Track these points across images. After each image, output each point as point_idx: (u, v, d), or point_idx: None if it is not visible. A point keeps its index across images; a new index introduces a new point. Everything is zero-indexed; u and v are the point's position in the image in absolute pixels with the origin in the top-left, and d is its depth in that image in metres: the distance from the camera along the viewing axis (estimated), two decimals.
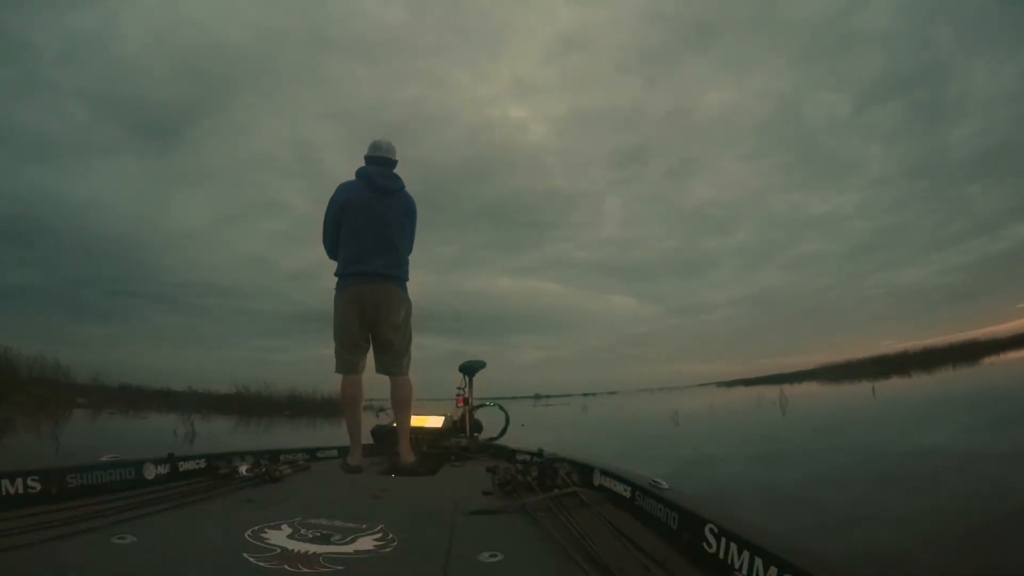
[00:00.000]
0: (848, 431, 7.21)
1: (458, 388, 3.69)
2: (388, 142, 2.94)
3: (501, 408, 3.93)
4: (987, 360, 25.58)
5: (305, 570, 1.14)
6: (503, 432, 3.77)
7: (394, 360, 2.83)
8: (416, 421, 3.02)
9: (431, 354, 2.94)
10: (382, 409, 2.91)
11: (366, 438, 3.10)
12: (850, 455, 4.97)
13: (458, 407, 3.64)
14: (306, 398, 16.10)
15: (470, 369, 3.70)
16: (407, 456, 2.74)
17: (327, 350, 2.88)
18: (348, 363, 2.79)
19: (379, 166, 2.88)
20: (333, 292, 2.85)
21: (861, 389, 18.10)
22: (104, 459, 1.99)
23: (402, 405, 2.84)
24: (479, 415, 3.73)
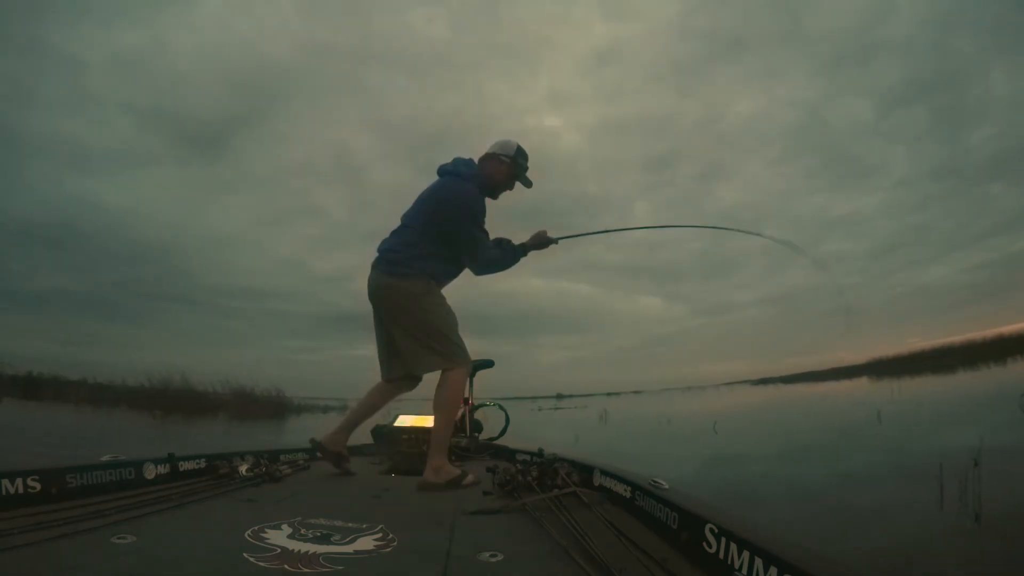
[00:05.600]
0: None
1: None
2: (507, 140, 2.57)
3: (501, 408, 3.93)
4: None
5: (305, 570, 1.14)
6: (503, 432, 3.77)
7: (413, 364, 2.41)
8: (416, 421, 3.00)
9: None
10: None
11: (366, 437, 3.09)
12: None
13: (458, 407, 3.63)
14: (248, 396, 14.35)
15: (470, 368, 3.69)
16: (430, 475, 2.20)
17: (353, 351, 2.62)
18: (382, 364, 2.52)
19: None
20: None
21: (955, 383, 14.45)
22: (104, 459, 1.98)
23: (437, 405, 2.35)
24: (479, 415, 3.73)
